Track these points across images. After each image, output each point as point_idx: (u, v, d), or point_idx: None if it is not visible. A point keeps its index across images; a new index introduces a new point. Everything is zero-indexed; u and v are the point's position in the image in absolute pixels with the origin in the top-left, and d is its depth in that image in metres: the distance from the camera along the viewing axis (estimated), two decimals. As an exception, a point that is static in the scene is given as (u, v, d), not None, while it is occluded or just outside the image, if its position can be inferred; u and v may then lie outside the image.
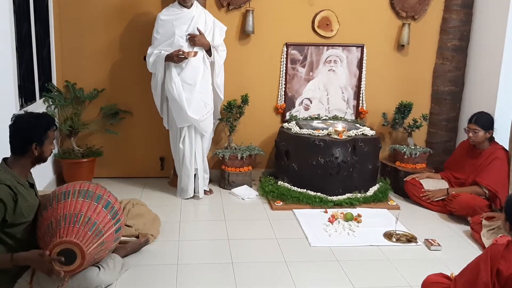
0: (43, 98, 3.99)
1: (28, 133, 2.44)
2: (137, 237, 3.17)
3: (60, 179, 4.29)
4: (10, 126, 2.47)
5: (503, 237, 2.89)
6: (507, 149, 3.83)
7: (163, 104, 4.08)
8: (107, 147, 4.45)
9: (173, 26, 3.85)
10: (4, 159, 2.48)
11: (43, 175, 3.80)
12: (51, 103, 4.07)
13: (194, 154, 4.05)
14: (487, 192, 3.76)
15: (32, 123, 2.47)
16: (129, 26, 4.31)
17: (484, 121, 3.82)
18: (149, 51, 3.91)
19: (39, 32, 3.85)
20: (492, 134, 3.85)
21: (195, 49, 3.88)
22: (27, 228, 2.45)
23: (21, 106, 3.46)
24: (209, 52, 3.93)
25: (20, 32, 3.47)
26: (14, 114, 2.51)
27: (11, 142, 2.46)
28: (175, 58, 3.80)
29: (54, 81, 4.21)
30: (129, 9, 4.29)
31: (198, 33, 3.87)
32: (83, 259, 2.35)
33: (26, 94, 3.60)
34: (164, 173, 4.64)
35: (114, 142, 4.46)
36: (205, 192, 4.22)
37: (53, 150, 2.61)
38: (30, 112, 2.59)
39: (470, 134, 3.85)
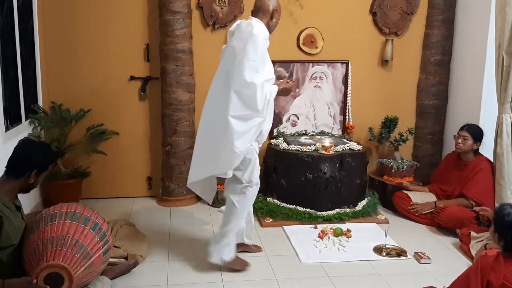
0: (29, 120, 3.95)
1: (33, 160, 2.46)
2: (126, 258, 3.13)
3: (47, 201, 4.23)
4: (17, 148, 2.49)
5: (492, 249, 2.92)
6: (492, 160, 3.89)
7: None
8: (94, 167, 4.41)
9: (267, 52, 3.06)
10: None
11: (29, 198, 3.74)
12: (37, 124, 4.03)
13: None
14: (473, 203, 3.80)
15: (40, 151, 2.52)
16: (115, 46, 4.32)
17: (476, 131, 3.89)
18: (259, 80, 2.87)
19: (24, 53, 3.83)
20: (479, 146, 3.90)
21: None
22: (13, 252, 2.41)
23: (7, 128, 3.43)
24: None
25: (5, 53, 3.45)
26: (25, 138, 2.55)
27: (10, 162, 2.46)
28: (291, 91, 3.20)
29: (40, 102, 4.18)
30: (115, 30, 4.30)
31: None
32: (70, 282, 2.31)
33: (11, 116, 3.56)
34: (152, 193, 4.61)
35: (101, 163, 4.42)
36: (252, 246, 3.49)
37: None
38: (40, 140, 2.60)
39: (459, 141, 3.89)
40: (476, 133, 3.88)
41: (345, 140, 4.41)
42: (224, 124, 2.88)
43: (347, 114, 4.71)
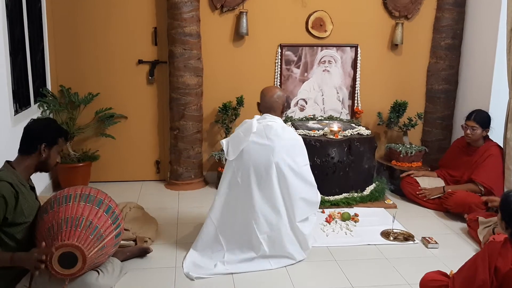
0: (38, 103, 3.97)
1: (40, 132, 2.51)
2: (135, 240, 3.16)
3: (56, 184, 4.27)
4: (25, 127, 2.55)
5: (500, 234, 2.91)
6: (501, 146, 3.86)
7: None
8: (102, 151, 4.44)
9: None
10: (8, 162, 2.51)
11: (39, 180, 3.77)
12: (46, 108, 4.05)
13: None
14: (482, 189, 3.78)
15: (46, 124, 2.59)
16: (123, 29, 4.30)
17: (483, 118, 3.84)
18: None
19: (32, 36, 3.84)
20: (488, 132, 3.87)
21: None
22: (26, 230, 2.45)
23: (16, 112, 3.45)
24: None
25: (13, 37, 3.45)
26: (32, 119, 2.64)
27: (21, 141, 2.52)
28: None
29: (49, 85, 4.19)
30: (123, 13, 4.28)
31: None
32: (84, 262, 2.35)
33: (20, 99, 3.58)
34: (160, 176, 4.63)
35: (109, 146, 4.45)
36: None
37: (58, 162, 2.65)
38: (48, 117, 2.65)
39: (468, 131, 3.86)
40: (484, 121, 3.84)
41: (353, 124, 4.39)
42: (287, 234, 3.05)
43: (355, 98, 4.69)
